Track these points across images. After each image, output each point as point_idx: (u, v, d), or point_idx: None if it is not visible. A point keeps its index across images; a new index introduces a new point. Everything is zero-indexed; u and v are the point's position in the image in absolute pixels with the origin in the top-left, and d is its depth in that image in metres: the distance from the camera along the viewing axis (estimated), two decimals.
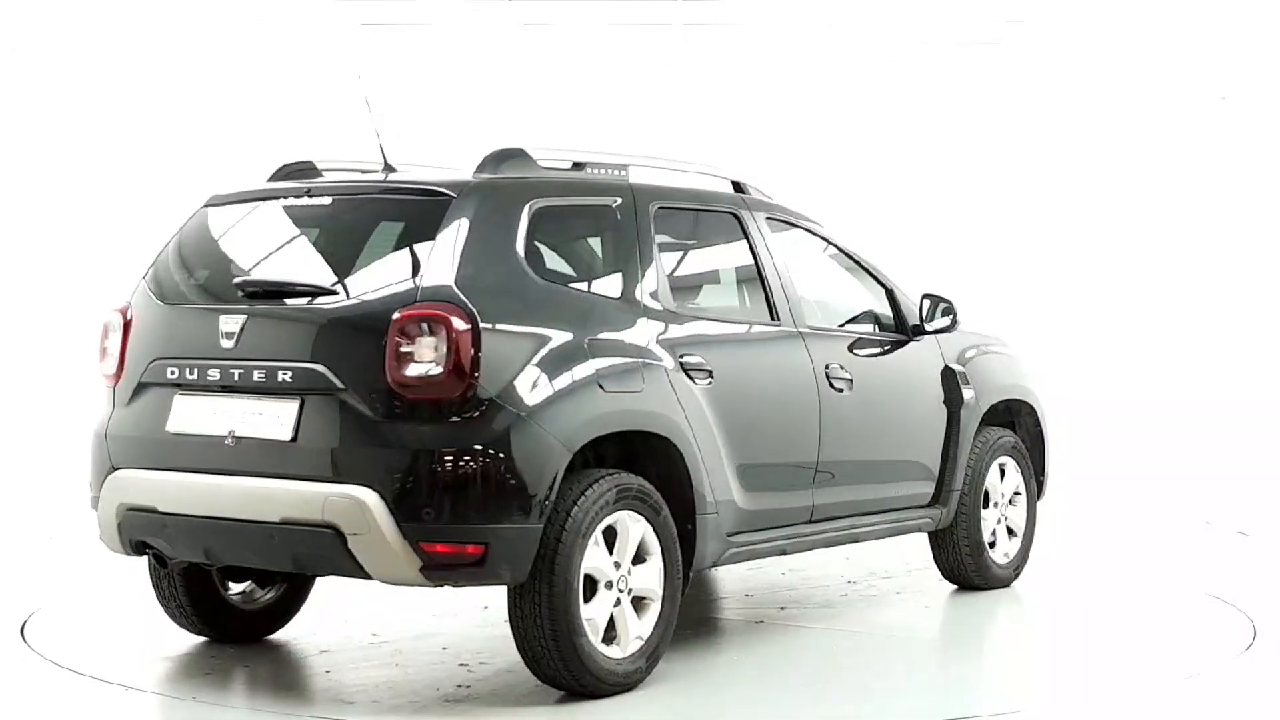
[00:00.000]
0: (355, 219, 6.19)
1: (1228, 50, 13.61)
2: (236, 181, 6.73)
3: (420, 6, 13.46)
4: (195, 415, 6.07)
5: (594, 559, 5.91)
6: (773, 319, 7.00)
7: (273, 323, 5.98)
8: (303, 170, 6.65)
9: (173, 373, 6.16)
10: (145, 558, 6.55)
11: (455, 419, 5.63)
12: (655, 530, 6.13)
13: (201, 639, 6.96)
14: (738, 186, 7.30)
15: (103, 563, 7.45)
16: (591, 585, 5.94)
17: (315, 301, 5.90)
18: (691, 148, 12.51)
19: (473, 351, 5.61)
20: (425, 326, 5.62)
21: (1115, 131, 13.68)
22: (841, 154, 13.45)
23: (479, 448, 5.61)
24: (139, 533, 6.21)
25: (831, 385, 7.06)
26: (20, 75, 13.48)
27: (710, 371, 6.45)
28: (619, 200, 6.52)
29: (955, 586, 8.27)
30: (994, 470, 8.15)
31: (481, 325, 5.65)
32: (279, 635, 7.12)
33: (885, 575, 8.65)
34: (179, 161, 13.09)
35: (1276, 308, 13.70)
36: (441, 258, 5.78)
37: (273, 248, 6.32)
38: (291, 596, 7.10)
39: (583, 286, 6.41)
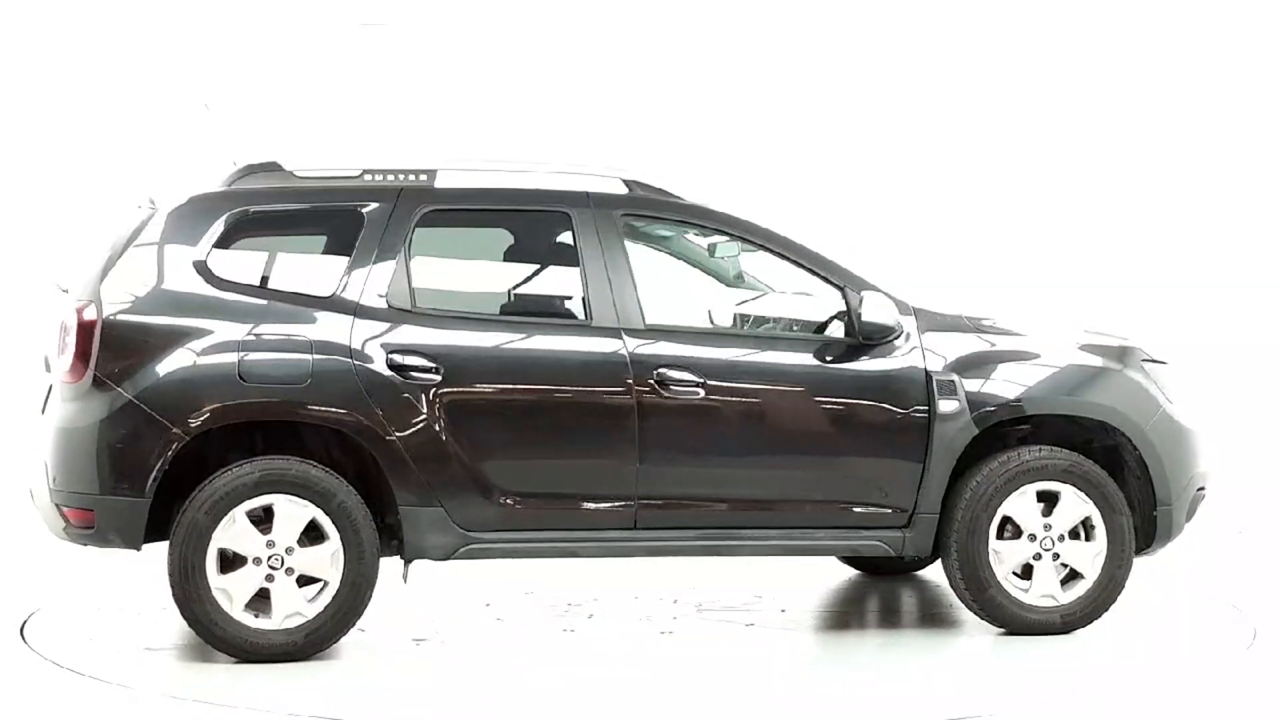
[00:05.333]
0: (124, 230, 6.90)
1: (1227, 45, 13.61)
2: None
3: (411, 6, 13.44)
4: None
5: (232, 536, 6.53)
6: (587, 319, 6.92)
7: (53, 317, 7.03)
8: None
9: None
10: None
11: (80, 400, 6.56)
12: (330, 516, 6.57)
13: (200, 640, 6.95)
14: (630, 185, 7.12)
15: (102, 563, 7.45)
16: (241, 560, 6.56)
17: (63, 299, 6.86)
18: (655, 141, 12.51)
19: (93, 342, 6.52)
20: (74, 320, 6.57)
21: (1114, 127, 13.67)
22: (848, 150, 13.40)
23: (89, 425, 6.53)
24: None
25: (663, 387, 6.87)
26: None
27: (437, 369, 6.70)
28: (374, 205, 6.87)
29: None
30: (1023, 496, 7.20)
31: (106, 319, 6.54)
32: None
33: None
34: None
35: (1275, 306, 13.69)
36: (118, 264, 6.68)
37: (84, 253, 7.09)
38: None
39: (280, 288, 6.78)
